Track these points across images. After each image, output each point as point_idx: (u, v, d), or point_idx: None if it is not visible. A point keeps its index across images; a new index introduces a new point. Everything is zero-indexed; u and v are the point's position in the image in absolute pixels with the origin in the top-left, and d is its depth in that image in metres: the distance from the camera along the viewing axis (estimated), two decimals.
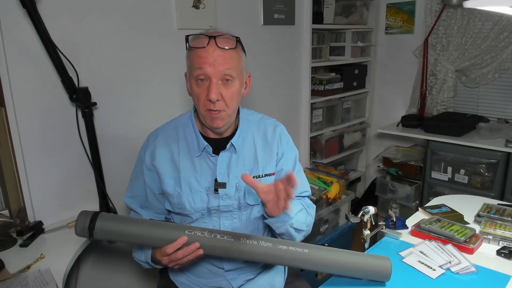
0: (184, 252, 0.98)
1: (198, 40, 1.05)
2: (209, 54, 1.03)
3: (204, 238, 0.98)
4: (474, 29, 2.49)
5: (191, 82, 1.09)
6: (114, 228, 0.99)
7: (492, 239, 1.26)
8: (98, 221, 0.98)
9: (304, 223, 1.17)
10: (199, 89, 1.06)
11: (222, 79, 1.05)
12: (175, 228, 1.02)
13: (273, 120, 1.27)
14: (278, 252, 0.99)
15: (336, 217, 2.43)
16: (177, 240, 0.98)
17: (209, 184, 1.14)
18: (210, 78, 1.04)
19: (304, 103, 2.61)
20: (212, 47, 1.03)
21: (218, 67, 1.03)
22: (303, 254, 0.99)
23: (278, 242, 1.01)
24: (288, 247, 1.00)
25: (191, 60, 1.06)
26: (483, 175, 2.26)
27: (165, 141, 1.17)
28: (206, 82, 1.05)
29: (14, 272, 1.19)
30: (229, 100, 1.07)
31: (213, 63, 1.03)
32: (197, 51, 1.04)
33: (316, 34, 2.64)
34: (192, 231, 0.99)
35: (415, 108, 2.87)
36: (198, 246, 0.98)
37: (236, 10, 2.09)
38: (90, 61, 1.58)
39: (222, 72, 1.04)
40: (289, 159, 1.24)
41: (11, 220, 1.38)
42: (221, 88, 1.05)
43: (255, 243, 0.99)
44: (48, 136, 1.53)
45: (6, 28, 1.36)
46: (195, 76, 1.06)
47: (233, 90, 1.08)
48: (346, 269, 1.02)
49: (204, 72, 1.04)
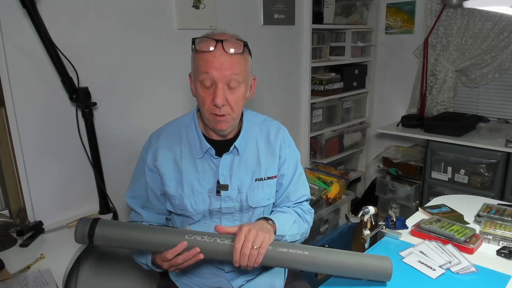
0: (184, 257, 0.98)
1: (205, 43, 1.02)
2: (216, 59, 1.00)
3: (204, 243, 0.98)
4: (474, 29, 2.49)
5: (196, 84, 1.07)
6: (114, 235, 0.99)
7: (492, 239, 1.26)
8: (97, 227, 0.98)
9: (297, 234, 1.18)
10: (205, 93, 1.05)
11: (228, 83, 1.03)
12: (174, 233, 1.01)
13: (276, 122, 1.27)
14: (278, 255, 0.99)
15: (336, 217, 2.43)
16: (177, 245, 0.97)
17: (211, 186, 1.14)
18: (216, 82, 1.02)
19: (304, 103, 2.61)
20: (219, 51, 1.01)
21: (224, 72, 1.01)
22: (303, 257, 0.99)
23: (278, 245, 1.01)
24: (288, 250, 0.99)
25: (197, 63, 1.04)
26: (483, 175, 2.26)
27: (168, 142, 1.16)
28: (212, 86, 1.03)
29: (14, 272, 1.19)
30: (234, 104, 1.06)
31: (219, 68, 1.01)
32: (204, 55, 1.02)
33: (316, 34, 2.64)
34: (192, 235, 0.99)
35: (415, 108, 2.87)
36: (198, 251, 0.97)
37: (236, 10, 2.09)
38: (90, 61, 1.58)
39: (229, 77, 1.02)
40: (291, 163, 1.24)
41: (11, 220, 1.38)
42: (226, 93, 1.04)
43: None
44: (48, 136, 1.53)
45: (6, 28, 1.36)
46: (200, 79, 1.04)
47: (239, 95, 1.06)
48: (347, 270, 1.02)
49: (210, 76, 1.02)
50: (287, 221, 1.15)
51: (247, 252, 0.95)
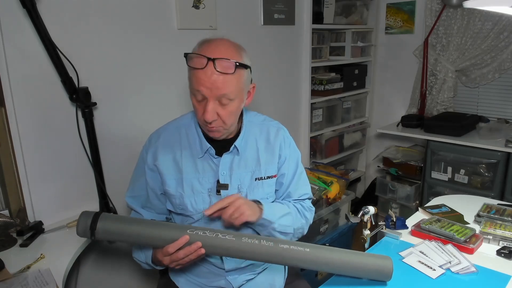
0: (185, 251, 0.98)
1: (196, 60, 1.00)
2: (207, 77, 0.99)
3: (206, 237, 0.98)
4: (474, 29, 2.49)
5: (190, 93, 1.07)
6: (115, 228, 0.99)
7: (492, 239, 1.26)
8: (99, 221, 0.98)
9: (289, 226, 1.18)
10: (197, 104, 1.05)
11: (219, 100, 1.03)
12: (176, 227, 1.01)
13: (276, 122, 1.27)
14: (280, 251, 0.99)
15: (336, 217, 2.43)
16: (179, 239, 0.97)
17: (211, 186, 1.14)
18: (207, 98, 1.02)
19: (304, 103, 2.61)
20: (210, 69, 0.99)
21: (215, 91, 1.00)
22: (304, 254, 0.99)
23: (279, 241, 1.01)
24: (289, 246, 1.00)
25: (190, 78, 1.04)
26: (483, 175, 2.26)
27: (168, 142, 1.16)
28: (204, 100, 1.03)
29: (14, 272, 1.19)
30: (226, 118, 1.06)
31: (210, 87, 1.00)
32: (195, 72, 1.01)
33: (316, 34, 2.64)
34: (194, 230, 0.99)
35: (415, 108, 2.87)
36: (200, 246, 0.97)
37: (236, 10, 2.09)
38: (90, 61, 1.58)
39: (220, 95, 1.01)
40: (292, 162, 1.25)
41: (11, 220, 1.38)
42: (218, 108, 1.03)
43: (256, 242, 0.98)
44: (48, 136, 1.53)
45: (6, 28, 1.36)
46: (193, 93, 1.05)
47: (231, 110, 1.06)
48: (348, 269, 1.02)
49: (201, 93, 1.02)
50: (279, 211, 1.16)
51: (225, 217, 1.04)
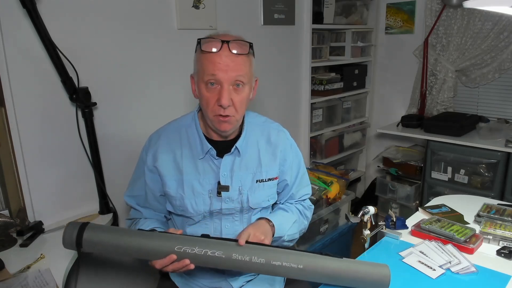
0: (173, 267, 0.97)
1: (211, 44, 1.01)
2: (222, 59, 1.00)
3: (195, 255, 0.96)
4: (474, 29, 2.49)
5: (199, 85, 1.06)
6: (102, 241, 0.96)
7: (492, 239, 1.26)
8: (86, 232, 0.95)
9: (296, 233, 1.23)
10: (209, 93, 1.04)
11: (233, 84, 1.03)
12: (165, 240, 0.98)
13: (277, 124, 1.27)
14: (272, 268, 0.97)
15: (336, 217, 2.43)
16: (165, 258, 0.95)
17: (212, 187, 1.13)
18: (222, 83, 1.02)
19: (304, 103, 2.61)
20: (225, 52, 1.01)
21: (230, 73, 1.01)
22: (297, 270, 0.97)
23: (271, 258, 0.97)
24: (282, 263, 0.96)
25: (202, 64, 1.04)
26: (483, 175, 2.26)
27: (168, 143, 1.16)
28: (217, 87, 1.03)
29: (14, 272, 1.19)
30: (239, 105, 1.06)
31: (225, 69, 1.01)
32: (209, 56, 1.01)
33: (316, 34, 2.64)
34: (182, 247, 0.95)
35: (415, 108, 2.87)
36: (188, 263, 0.96)
37: (236, 10, 2.09)
38: (90, 61, 1.58)
39: (234, 78, 1.02)
40: (294, 165, 1.25)
41: (11, 220, 1.38)
42: (232, 94, 1.04)
43: (247, 259, 0.96)
44: (48, 136, 1.53)
45: (6, 28, 1.36)
46: (205, 80, 1.03)
47: (243, 96, 1.07)
48: (344, 280, 1.00)
49: (215, 77, 1.01)
50: (287, 222, 1.18)
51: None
